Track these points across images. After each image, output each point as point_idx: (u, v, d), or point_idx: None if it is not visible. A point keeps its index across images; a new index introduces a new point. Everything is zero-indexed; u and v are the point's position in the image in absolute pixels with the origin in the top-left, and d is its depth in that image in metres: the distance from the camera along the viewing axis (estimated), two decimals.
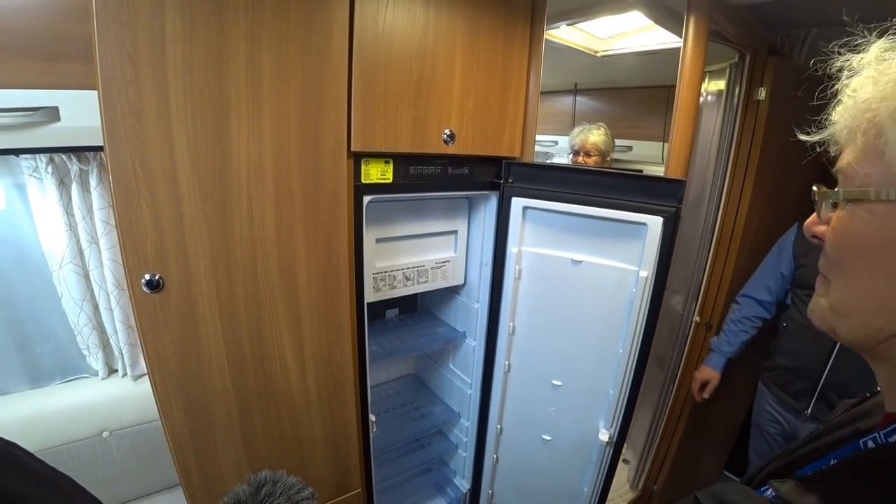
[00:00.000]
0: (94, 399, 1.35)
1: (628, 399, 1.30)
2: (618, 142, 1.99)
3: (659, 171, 1.89)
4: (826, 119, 0.44)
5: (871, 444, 0.42)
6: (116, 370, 1.42)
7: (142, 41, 0.76)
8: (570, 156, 1.88)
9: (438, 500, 1.73)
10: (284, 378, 1.07)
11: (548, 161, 2.22)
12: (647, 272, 1.17)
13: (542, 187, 1.25)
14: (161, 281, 0.86)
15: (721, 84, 1.66)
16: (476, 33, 1.12)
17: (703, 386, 1.80)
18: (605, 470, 1.40)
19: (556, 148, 2.19)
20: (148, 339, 0.88)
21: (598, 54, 1.73)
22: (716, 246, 1.79)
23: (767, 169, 1.68)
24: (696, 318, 1.87)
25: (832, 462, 0.46)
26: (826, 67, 0.43)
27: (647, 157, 2.05)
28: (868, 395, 0.57)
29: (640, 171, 1.95)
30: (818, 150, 0.45)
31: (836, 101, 0.43)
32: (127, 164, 0.79)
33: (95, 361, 1.39)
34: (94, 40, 0.73)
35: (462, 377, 1.59)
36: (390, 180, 1.11)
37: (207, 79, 0.83)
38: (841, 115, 0.41)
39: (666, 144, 1.90)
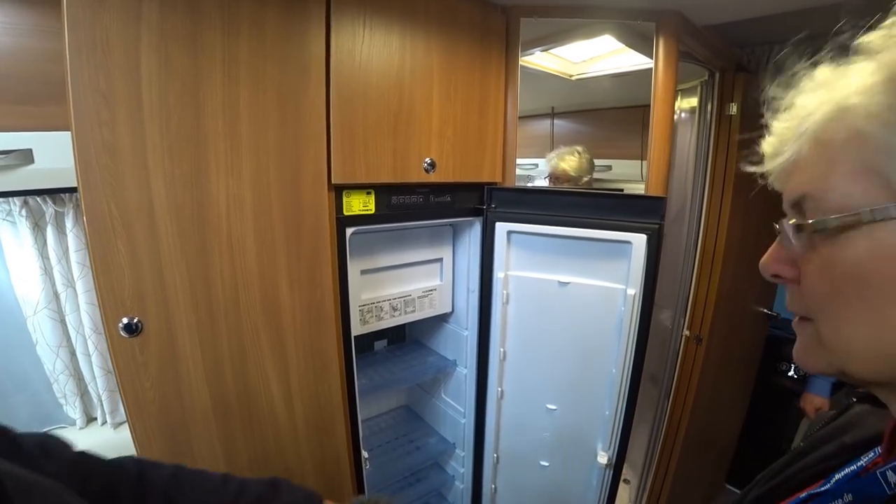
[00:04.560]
0: None
1: (625, 419, 1.28)
2: (597, 162, 2.03)
3: (639, 188, 1.92)
4: (761, 150, 0.41)
5: (891, 475, 0.38)
6: (95, 418, 1.36)
7: (117, 81, 0.76)
8: (547, 180, 1.91)
9: None
10: (272, 416, 1.04)
11: (529, 184, 2.24)
12: (634, 290, 1.17)
13: (526, 211, 1.25)
14: (139, 324, 0.84)
15: (694, 101, 1.71)
16: (452, 63, 1.13)
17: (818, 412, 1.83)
18: (607, 493, 1.37)
19: (536, 171, 2.22)
20: (126, 385, 0.85)
21: (573, 78, 1.77)
22: (700, 259, 1.80)
23: (745, 181, 1.71)
24: (686, 332, 1.87)
25: (847, 497, 0.42)
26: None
27: (627, 176, 2.09)
28: (845, 407, 0.55)
29: (622, 189, 1.98)
30: (761, 182, 0.42)
31: (767, 131, 0.41)
32: (102, 205, 0.78)
33: (73, 410, 1.33)
34: (67, 81, 0.73)
35: (455, 406, 1.56)
36: (373, 211, 1.11)
37: (184, 116, 0.82)
38: (789, 138, 0.38)
39: (644, 162, 1.94)
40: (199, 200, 0.86)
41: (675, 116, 1.79)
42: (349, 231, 1.07)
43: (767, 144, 0.41)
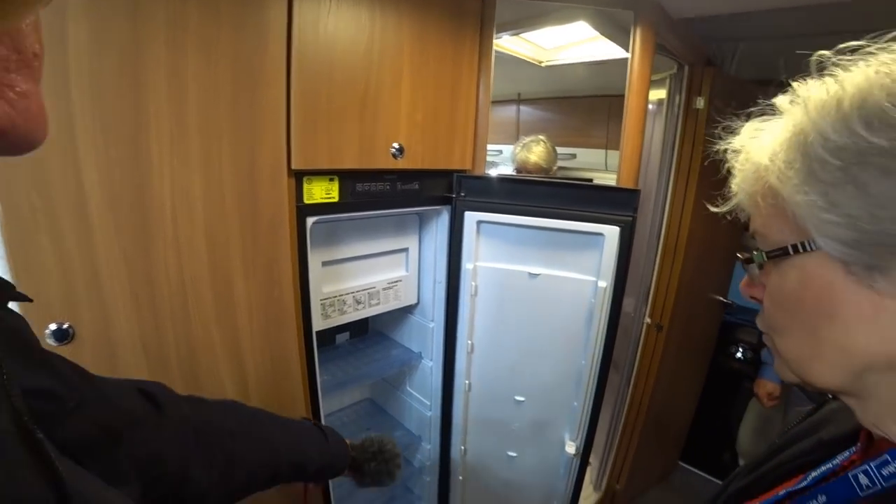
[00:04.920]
0: None
1: (592, 409, 1.28)
2: (562, 150, 2.01)
3: (603, 177, 1.93)
4: (728, 191, 0.46)
5: (862, 477, 0.40)
6: None
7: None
8: (514, 173, 1.87)
9: None
10: None
11: (493, 171, 2.20)
12: (605, 282, 1.16)
13: (496, 200, 1.21)
14: (71, 330, 0.73)
15: (662, 93, 1.71)
16: (424, 42, 1.06)
17: (769, 396, 1.86)
18: (574, 482, 1.38)
19: (500, 157, 2.18)
20: None
21: (543, 64, 1.73)
22: (663, 249, 1.83)
23: (709, 174, 1.74)
24: (648, 320, 1.91)
25: (821, 498, 0.43)
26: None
27: (591, 165, 2.09)
28: (821, 403, 0.57)
29: (589, 179, 1.97)
30: (729, 218, 0.48)
31: (731, 175, 0.46)
32: (21, 194, 0.67)
33: None
34: None
35: (420, 399, 1.52)
36: (336, 199, 1.03)
37: (121, 93, 0.71)
38: (739, 186, 0.44)
39: (609, 152, 1.95)
40: (139, 188, 0.76)
41: None
42: (310, 220, 0.99)
43: (733, 184, 0.46)
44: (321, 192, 1.00)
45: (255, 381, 0.97)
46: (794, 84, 0.39)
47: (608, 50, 1.49)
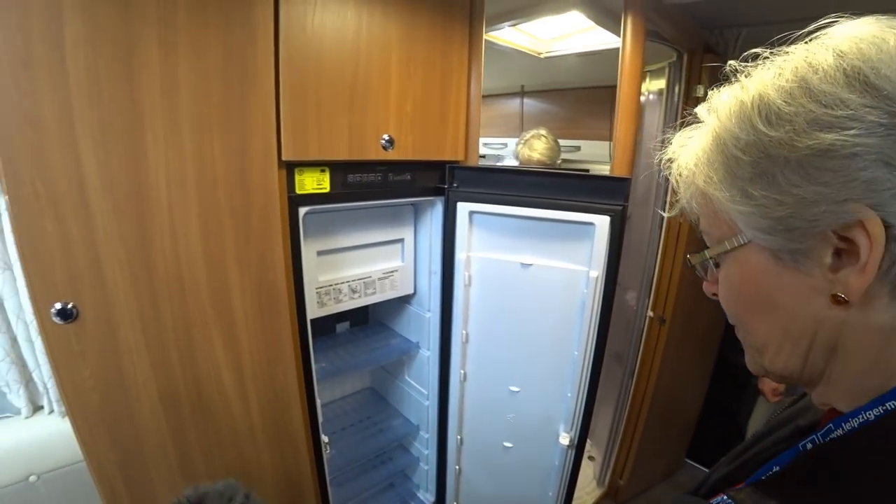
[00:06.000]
0: (17, 440, 1.23)
1: (587, 401, 1.29)
2: (566, 142, 2.01)
3: (607, 169, 1.92)
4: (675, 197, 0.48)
5: (809, 445, 0.42)
6: (42, 407, 1.30)
7: (37, 46, 0.69)
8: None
9: None
10: (224, 404, 1.00)
11: (498, 164, 2.22)
12: (597, 272, 1.17)
13: (488, 191, 1.23)
14: (74, 310, 0.78)
15: (661, 83, 1.70)
16: (412, 35, 1.09)
17: (774, 391, 1.84)
18: (569, 473, 1.39)
19: (505, 150, 2.19)
20: (63, 374, 0.80)
21: (542, 55, 1.73)
22: (664, 241, 1.82)
23: None
24: (650, 313, 1.90)
25: (775, 468, 0.45)
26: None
27: (596, 157, 2.09)
28: (803, 393, 0.57)
29: (588, 170, 1.97)
30: (681, 221, 0.52)
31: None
32: (26, 182, 0.72)
33: (17, 399, 1.27)
34: None
35: (418, 389, 1.55)
36: (327, 190, 1.06)
37: (116, 87, 0.76)
38: (681, 192, 0.46)
39: (612, 143, 1.94)
40: (135, 177, 0.80)
41: (643, 98, 1.78)
42: (302, 211, 1.02)
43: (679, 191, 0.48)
44: (312, 182, 1.04)
45: (250, 364, 1.02)
46: (710, 93, 0.43)
47: (605, 39, 1.49)
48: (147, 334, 0.87)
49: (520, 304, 1.29)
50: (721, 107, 0.40)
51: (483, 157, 2.45)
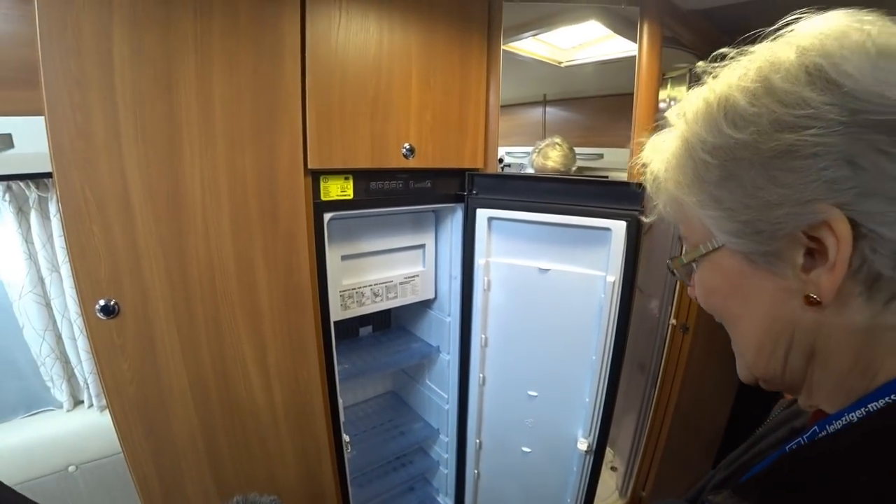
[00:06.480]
0: (58, 432, 1.31)
1: (605, 406, 1.29)
2: (589, 150, 2.02)
3: (626, 176, 1.92)
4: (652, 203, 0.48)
5: (794, 447, 0.41)
6: (82, 401, 1.38)
7: (89, 65, 0.76)
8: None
9: None
10: (250, 399, 1.05)
11: (522, 172, 2.24)
12: (614, 277, 1.18)
13: (507, 197, 1.25)
14: (116, 306, 0.85)
15: (682, 90, 1.69)
16: (431, 48, 1.13)
17: None
18: (587, 479, 1.38)
19: (528, 159, 2.21)
20: (105, 367, 0.86)
21: (562, 65, 1.76)
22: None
23: None
24: (673, 321, 1.88)
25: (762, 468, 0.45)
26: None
27: (618, 164, 2.08)
28: None
29: (607, 177, 1.97)
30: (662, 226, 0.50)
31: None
32: (76, 189, 0.79)
33: (60, 393, 1.35)
34: (39, 65, 0.73)
35: (439, 392, 1.58)
36: (351, 196, 1.11)
37: (157, 101, 0.83)
38: (655, 197, 0.46)
39: (630, 149, 1.94)
40: (173, 185, 0.87)
41: (664, 104, 1.78)
42: (327, 216, 1.07)
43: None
44: (337, 189, 1.09)
45: (275, 362, 1.07)
46: (679, 97, 0.43)
47: (624, 47, 1.50)
48: (181, 330, 0.93)
49: (538, 309, 1.31)
50: (689, 110, 0.40)
51: (508, 165, 2.48)
